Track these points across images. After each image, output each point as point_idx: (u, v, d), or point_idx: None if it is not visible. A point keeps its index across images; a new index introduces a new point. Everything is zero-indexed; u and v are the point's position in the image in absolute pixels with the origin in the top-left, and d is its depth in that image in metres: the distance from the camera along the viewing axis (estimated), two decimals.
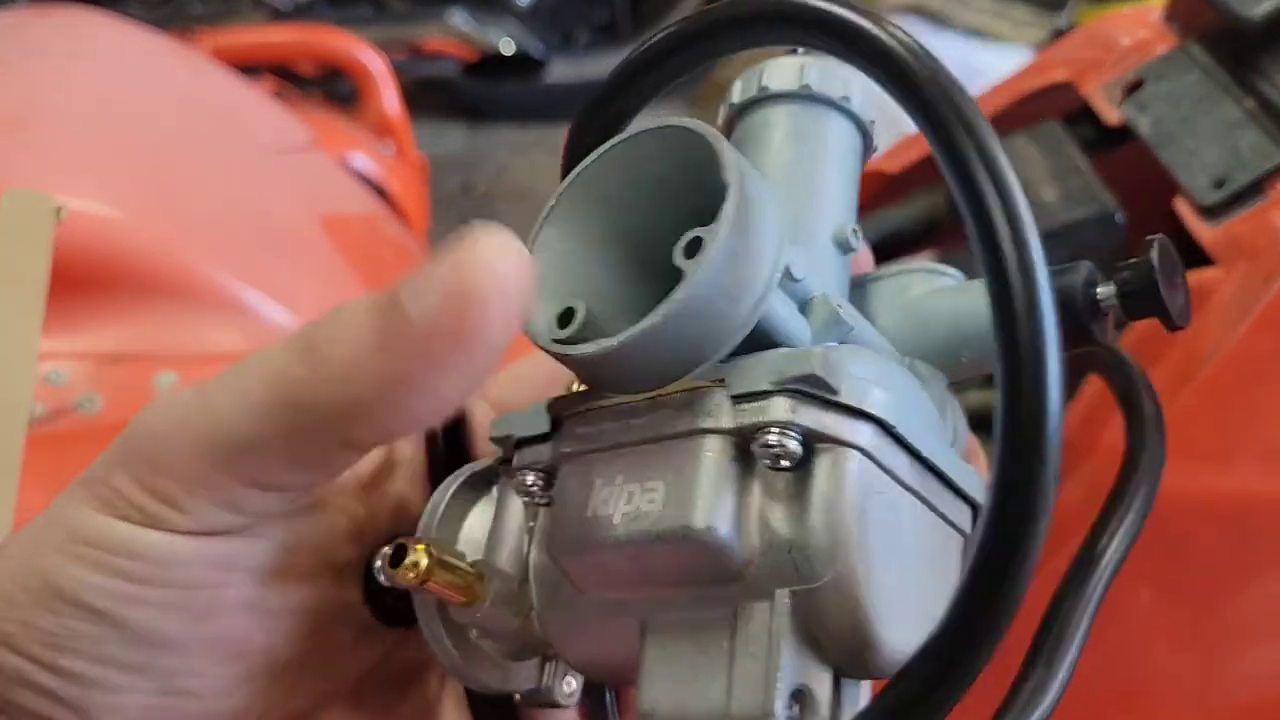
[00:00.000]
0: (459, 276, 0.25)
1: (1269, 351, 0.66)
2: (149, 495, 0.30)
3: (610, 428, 0.29)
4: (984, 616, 0.23)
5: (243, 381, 0.29)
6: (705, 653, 0.27)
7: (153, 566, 0.30)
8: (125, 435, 0.31)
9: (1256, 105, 0.74)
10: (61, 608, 0.30)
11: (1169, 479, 0.67)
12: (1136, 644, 0.73)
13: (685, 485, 0.27)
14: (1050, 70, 0.88)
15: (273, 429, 0.29)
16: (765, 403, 0.27)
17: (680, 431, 0.27)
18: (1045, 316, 0.23)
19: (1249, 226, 0.69)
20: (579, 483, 0.29)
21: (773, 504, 0.27)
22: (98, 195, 0.95)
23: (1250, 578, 0.71)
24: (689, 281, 0.26)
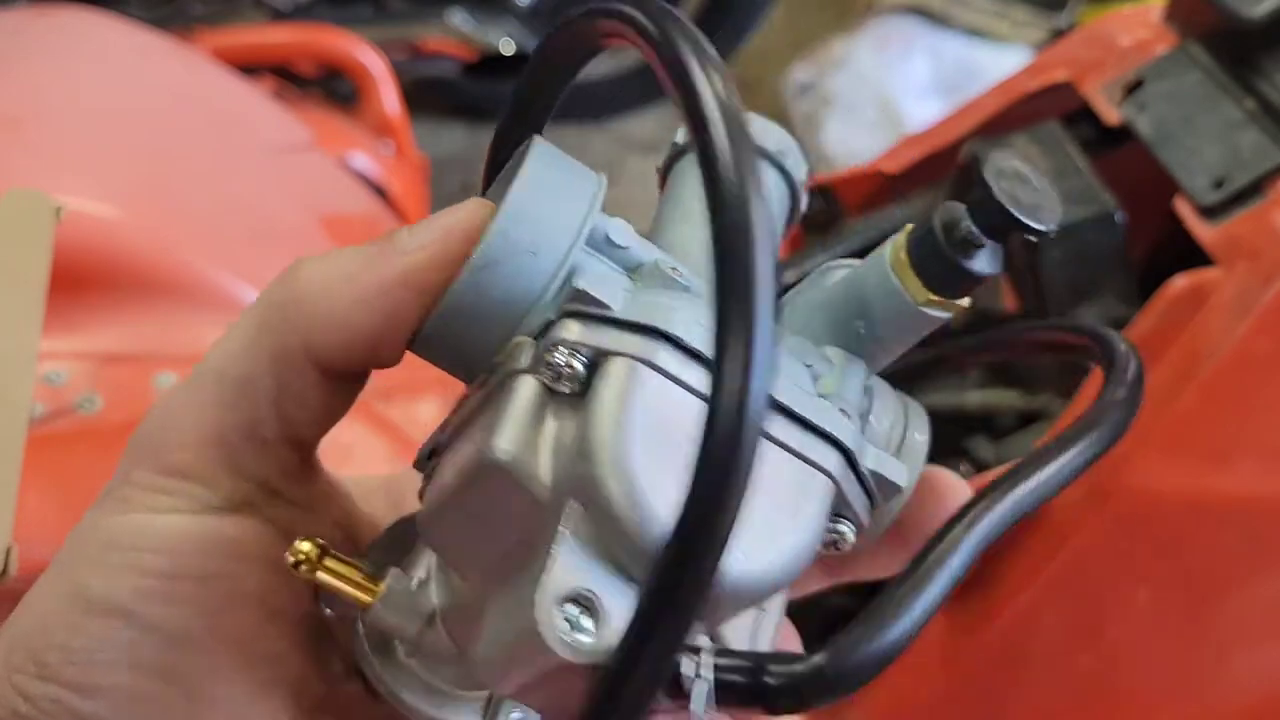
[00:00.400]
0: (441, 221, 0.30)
1: (1269, 352, 0.66)
2: (162, 475, 0.32)
3: (464, 405, 0.31)
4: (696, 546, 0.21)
5: (232, 330, 0.33)
6: (520, 583, 0.27)
7: (172, 556, 0.31)
8: (135, 433, 0.33)
9: (1257, 105, 0.74)
10: (93, 620, 0.31)
11: (1169, 479, 0.67)
12: (1136, 644, 0.73)
13: (490, 423, 0.28)
14: (1050, 70, 0.88)
15: (255, 362, 0.32)
16: (553, 330, 0.28)
17: (499, 380, 0.29)
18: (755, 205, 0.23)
19: (1249, 226, 0.69)
20: (445, 460, 0.31)
21: (565, 424, 0.28)
22: (97, 195, 0.95)
23: (1250, 578, 0.71)
24: (485, 232, 0.29)
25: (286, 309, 0.32)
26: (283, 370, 0.32)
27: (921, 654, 0.76)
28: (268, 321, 0.32)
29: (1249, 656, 0.75)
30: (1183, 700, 0.76)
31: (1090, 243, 0.76)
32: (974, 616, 0.74)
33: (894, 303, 0.34)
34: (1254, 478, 0.68)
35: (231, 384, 0.32)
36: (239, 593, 0.32)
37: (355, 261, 0.31)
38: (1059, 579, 0.70)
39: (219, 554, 0.32)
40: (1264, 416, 0.68)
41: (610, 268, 0.31)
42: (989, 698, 0.76)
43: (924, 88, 2.07)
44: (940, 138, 0.94)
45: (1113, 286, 0.77)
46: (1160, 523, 0.69)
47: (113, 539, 0.31)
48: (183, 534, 0.32)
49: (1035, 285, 0.77)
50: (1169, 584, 0.71)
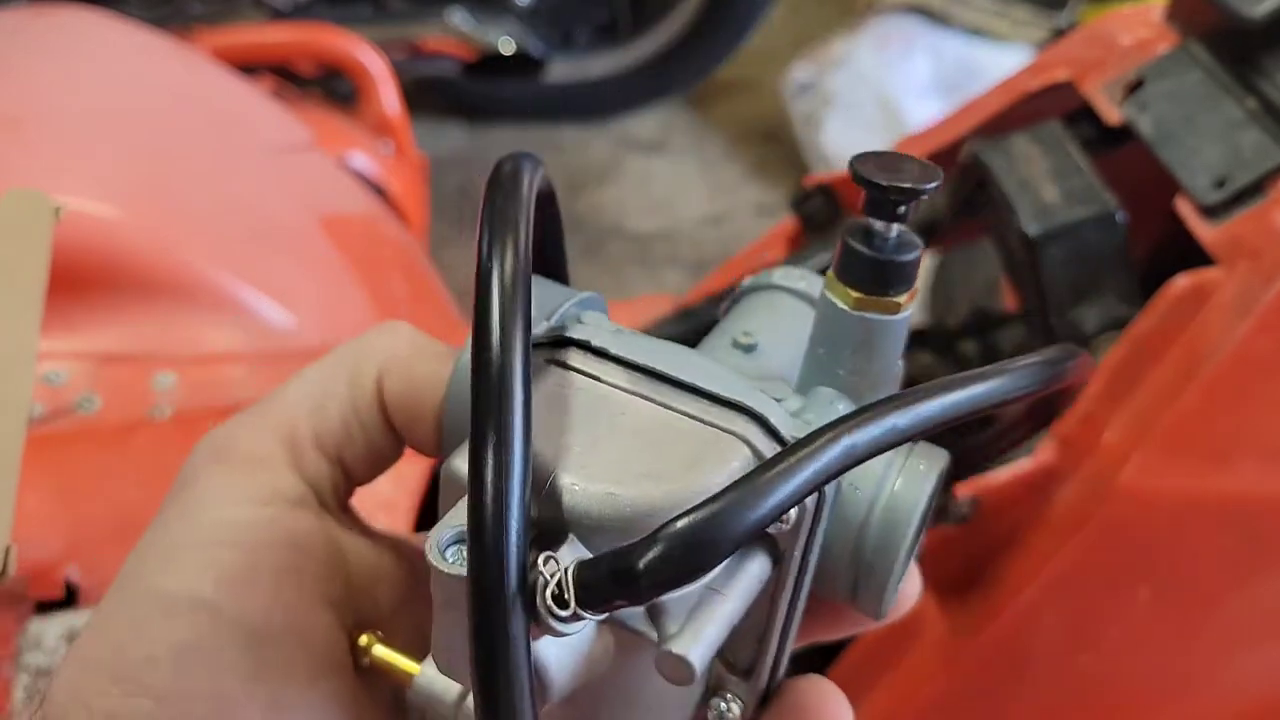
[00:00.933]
0: None
1: (1270, 351, 0.66)
2: (234, 467, 0.33)
3: None
4: None
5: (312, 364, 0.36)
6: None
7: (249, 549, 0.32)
8: (204, 439, 0.35)
9: (1258, 105, 0.73)
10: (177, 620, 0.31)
11: (1169, 478, 0.67)
12: (1136, 644, 0.73)
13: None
14: (1051, 69, 0.88)
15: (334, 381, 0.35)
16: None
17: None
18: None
19: (1250, 226, 0.68)
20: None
21: None
22: (97, 195, 0.95)
23: (1251, 578, 0.71)
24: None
25: (366, 344, 0.36)
26: (356, 393, 0.35)
27: (921, 654, 0.76)
28: (350, 352, 0.36)
29: (1249, 657, 0.75)
30: (1183, 700, 0.76)
31: (1091, 242, 0.76)
32: (974, 616, 0.74)
33: (832, 314, 0.36)
34: (1255, 478, 0.68)
35: (308, 396, 0.35)
36: (310, 587, 0.33)
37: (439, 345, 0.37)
38: (1059, 578, 0.70)
39: (291, 546, 0.33)
40: (1265, 416, 0.68)
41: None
42: (989, 697, 0.76)
43: (924, 87, 2.07)
44: (940, 137, 0.94)
45: (1114, 286, 0.77)
46: (1160, 522, 0.69)
47: (183, 537, 0.32)
48: (256, 524, 0.32)
49: (1036, 285, 0.77)
50: (1169, 584, 0.71)
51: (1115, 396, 0.70)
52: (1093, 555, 0.70)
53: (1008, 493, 0.72)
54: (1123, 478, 0.67)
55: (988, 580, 0.73)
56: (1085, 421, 0.71)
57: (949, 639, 0.74)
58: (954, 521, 0.72)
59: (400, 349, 0.36)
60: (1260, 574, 0.71)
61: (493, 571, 0.26)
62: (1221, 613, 0.73)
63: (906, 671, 0.76)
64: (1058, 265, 0.76)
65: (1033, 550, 0.72)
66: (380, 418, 0.36)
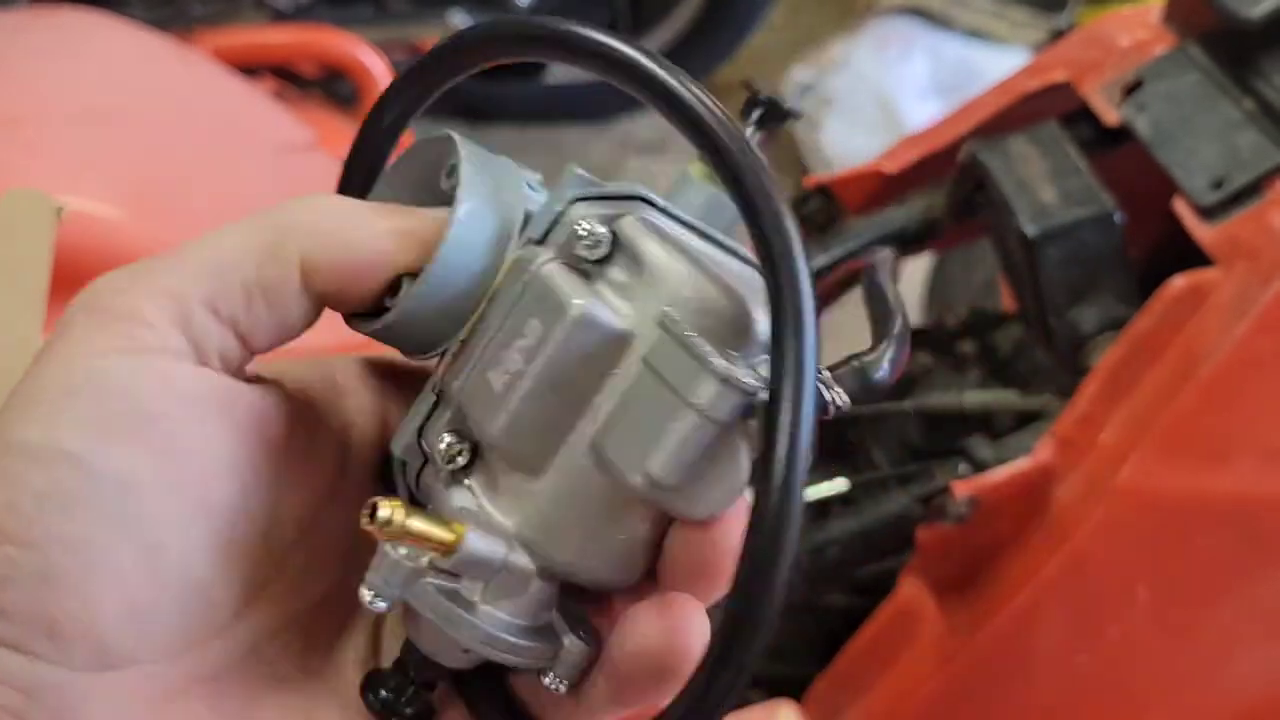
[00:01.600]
0: None
1: (1268, 352, 0.66)
2: (107, 317, 0.32)
3: (475, 343, 0.33)
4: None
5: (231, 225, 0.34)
6: (644, 405, 0.31)
7: (115, 398, 0.31)
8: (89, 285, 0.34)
9: (1255, 106, 0.74)
10: (37, 469, 0.30)
11: (1168, 478, 0.67)
12: (1135, 643, 0.73)
13: (548, 300, 0.32)
14: (1049, 71, 0.89)
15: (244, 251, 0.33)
16: (563, 221, 0.34)
17: (522, 288, 0.33)
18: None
19: (1248, 227, 0.69)
20: (480, 388, 0.33)
21: (618, 274, 0.33)
22: (98, 195, 0.95)
23: (1249, 577, 0.72)
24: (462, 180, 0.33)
25: (295, 215, 0.34)
26: (268, 265, 0.33)
27: (920, 652, 0.76)
28: (274, 223, 0.34)
29: (1248, 655, 0.75)
30: (1181, 699, 0.77)
31: (1089, 243, 0.76)
32: (972, 615, 0.74)
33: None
34: (1253, 477, 0.68)
35: (206, 263, 0.33)
36: (182, 434, 0.31)
37: (366, 206, 0.35)
38: (1057, 578, 0.70)
39: (161, 394, 0.31)
40: (1262, 416, 0.68)
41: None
42: (987, 696, 0.76)
43: (923, 88, 2.08)
44: (939, 138, 0.94)
45: (1112, 286, 0.77)
46: (1159, 522, 0.69)
47: (45, 388, 0.31)
48: (117, 372, 0.31)
49: (1034, 286, 0.77)
50: (1168, 583, 0.71)
51: (1113, 396, 0.70)
52: (1091, 555, 0.70)
53: (1006, 492, 0.72)
54: (1121, 478, 0.67)
55: (986, 579, 0.74)
56: (1083, 421, 0.71)
57: (948, 637, 0.75)
58: (952, 521, 0.72)
59: (327, 222, 0.34)
60: (1258, 573, 0.71)
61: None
62: (1220, 612, 0.73)
63: (905, 669, 0.76)
64: (1056, 265, 0.76)
65: (1031, 549, 0.72)
66: (299, 295, 0.34)
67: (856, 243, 0.92)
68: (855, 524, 0.79)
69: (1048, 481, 0.72)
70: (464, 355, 0.34)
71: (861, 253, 0.89)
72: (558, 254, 0.33)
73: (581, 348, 0.32)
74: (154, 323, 0.32)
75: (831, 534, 0.79)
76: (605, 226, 0.33)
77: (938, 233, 0.91)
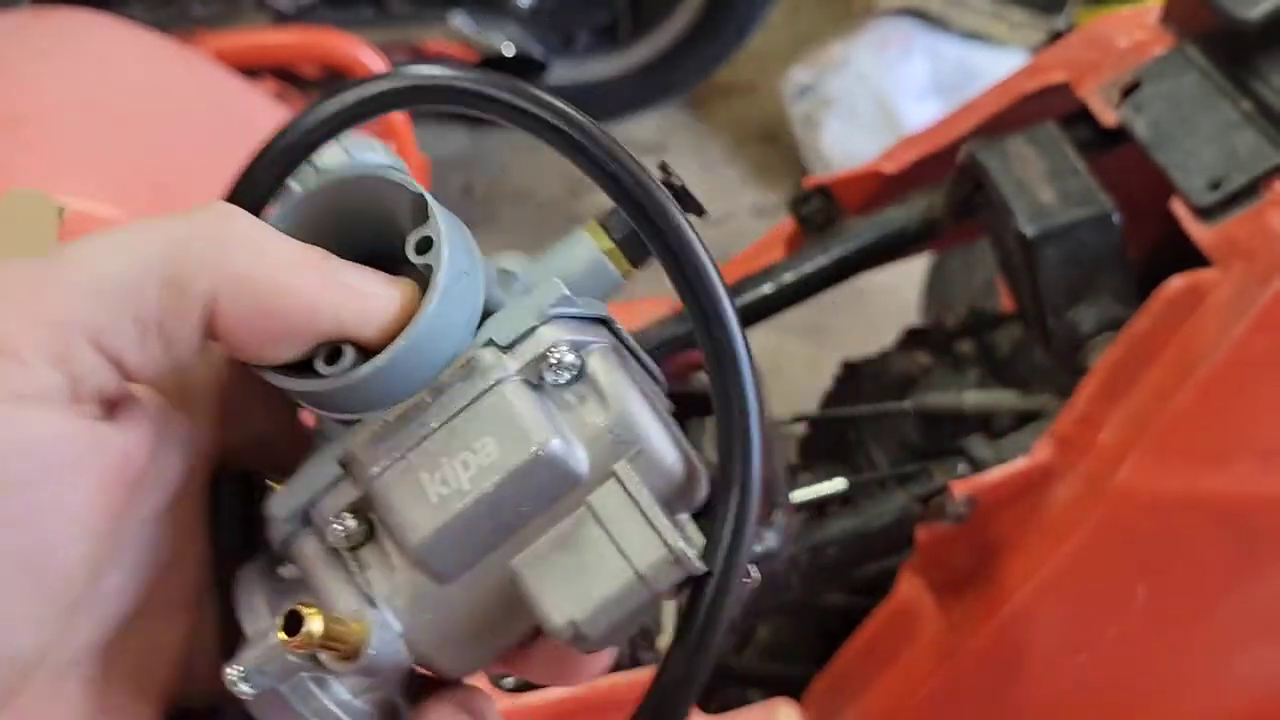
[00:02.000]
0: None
1: (1265, 352, 0.66)
2: None
3: (407, 432, 0.31)
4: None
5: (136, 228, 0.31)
6: (581, 550, 0.31)
7: None
8: None
9: (1253, 107, 0.74)
10: None
11: (1166, 478, 0.67)
12: (1133, 642, 0.73)
13: (510, 425, 0.31)
14: (1048, 72, 0.89)
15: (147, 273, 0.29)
16: (535, 337, 0.32)
17: (477, 395, 0.31)
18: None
19: (1245, 227, 0.69)
20: (406, 488, 0.31)
21: (578, 408, 0.32)
22: (99, 195, 0.95)
23: (1247, 577, 0.72)
24: (444, 262, 0.31)
25: (205, 245, 0.30)
26: (170, 300, 0.29)
27: (919, 651, 0.76)
28: (179, 249, 0.30)
29: (1245, 655, 0.76)
30: (1179, 698, 0.77)
31: (1087, 243, 0.76)
32: (971, 614, 0.74)
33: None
34: (1250, 477, 0.68)
35: (101, 282, 0.29)
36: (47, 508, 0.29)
37: (293, 250, 0.31)
38: (1056, 578, 0.70)
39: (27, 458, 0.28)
40: (1260, 417, 0.68)
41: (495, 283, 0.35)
42: (986, 695, 0.76)
43: (923, 89, 2.08)
44: (938, 138, 0.94)
45: (1110, 287, 0.77)
46: (1157, 521, 0.70)
47: None
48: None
49: (1032, 286, 0.78)
50: (1166, 583, 0.72)
51: (1112, 397, 0.70)
52: (1089, 554, 0.70)
53: (1004, 492, 0.72)
54: (1119, 477, 0.68)
55: (985, 579, 0.74)
56: (1082, 421, 0.71)
57: (947, 636, 0.75)
58: (951, 520, 0.72)
59: (245, 263, 0.29)
60: (1256, 573, 0.72)
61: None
62: (1218, 612, 0.73)
63: (904, 668, 0.77)
64: (1054, 266, 0.76)
65: (1030, 549, 0.72)
66: (198, 335, 0.30)
67: (855, 243, 0.92)
68: (854, 523, 0.80)
69: (1046, 481, 0.72)
70: (389, 441, 0.31)
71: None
72: (522, 371, 0.32)
73: (535, 483, 0.31)
74: (29, 360, 0.28)
75: (830, 534, 0.79)
76: (575, 355, 0.32)
77: (937, 233, 0.91)
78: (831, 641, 0.84)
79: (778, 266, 0.93)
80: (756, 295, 0.93)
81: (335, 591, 0.32)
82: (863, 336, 1.52)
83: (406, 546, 0.31)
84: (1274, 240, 0.67)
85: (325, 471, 0.32)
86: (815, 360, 1.79)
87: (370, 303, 0.31)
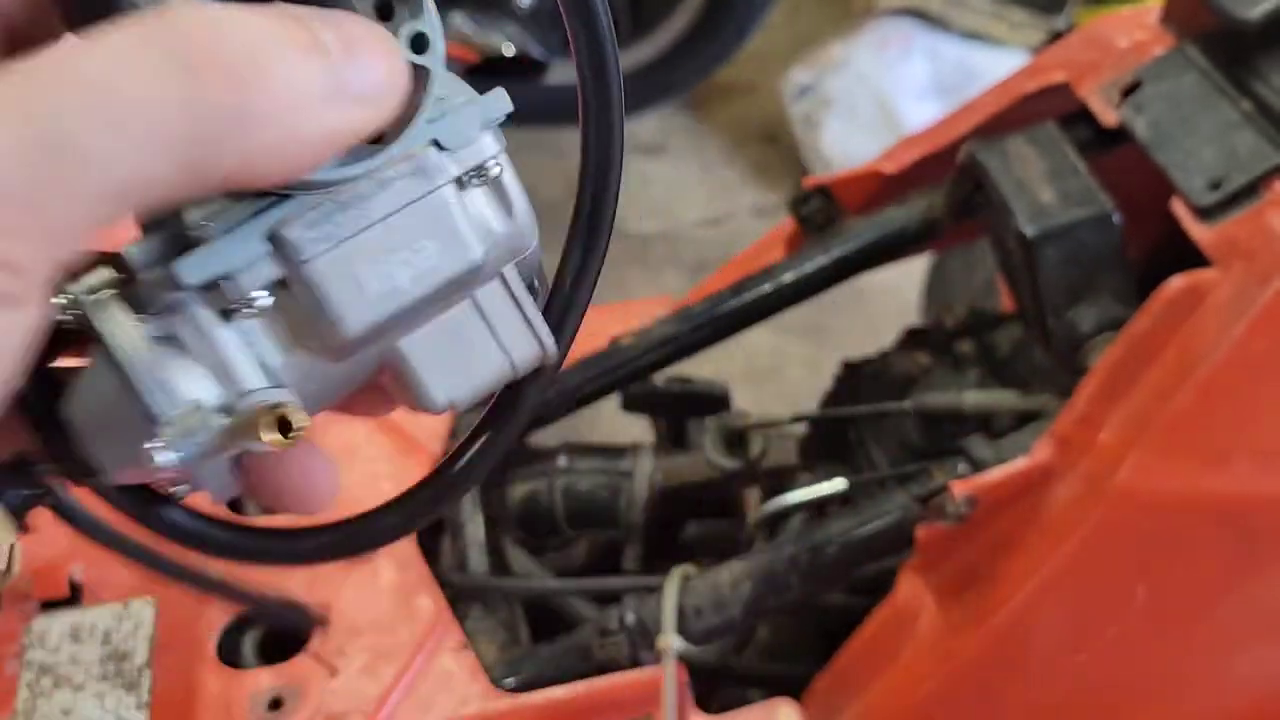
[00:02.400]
0: None
1: (1265, 352, 0.66)
2: None
3: (344, 218, 0.31)
4: None
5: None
6: (463, 339, 0.34)
7: None
8: None
9: (1253, 107, 0.74)
10: None
11: (1166, 478, 0.67)
12: (1133, 643, 0.73)
13: (453, 234, 0.32)
14: (1047, 72, 0.89)
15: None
16: (477, 145, 0.34)
17: (420, 196, 0.32)
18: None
19: (1245, 227, 0.69)
20: (340, 277, 0.31)
21: (484, 210, 0.34)
22: None
23: (1247, 577, 0.72)
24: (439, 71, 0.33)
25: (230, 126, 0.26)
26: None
27: (918, 651, 0.76)
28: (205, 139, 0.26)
29: (1245, 655, 0.76)
30: (1179, 698, 0.77)
31: (1087, 243, 0.76)
32: (971, 614, 0.74)
33: None
34: (1250, 478, 0.68)
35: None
36: None
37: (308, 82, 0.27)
38: (1056, 578, 0.70)
39: None
40: (1260, 417, 0.68)
41: None
42: (985, 695, 0.76)
43: (923, 89, 2.08)
44: (938, 138, 0.94)
45: (1110, 287, 0.77)
46: (1157, 522, 0.70)
47: None
48: None
49: (1032, 286, 0.78)
50: (1166, 583, 0.72)
51: (1112, 396, 0.70)
52: (1089, 555, 0.70)
53: (1005, 492, 0.72)
54: (1119, 478, 0.68)
55: (985, 578, 0.74)
56: (1082, 421, 0.71)
57: (947, 636, 0.75)
58: (951, 520, 0.72)
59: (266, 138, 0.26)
60: (1256, 573, 0.72)
61: None
62: (1217, 612, 0.73)
63: (904, 669, 0.77)
64: (1054, 266, 0.76)
65: (1030, 549, 0.72)
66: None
67: (855, 243, 0.92)
68: (854, 523, 0.80)
69: (1046, 481, 0.72)
70: (326, 225, 0.31)
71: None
72: (460, 173, 0.33)
73: (457, 286, 0.33)
74: None
75: (830, 534, 0.80)
76: (499, 166, 0.34)
77: (937, 233, 0.91)
78: (831, 641, 0.84)
79: (778, 266, 0.94)
80: (756, 295, 0.93)
81: (235, 365, 0.31)
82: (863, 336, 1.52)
83: (331, 335, 0.31)
84: (1274, 240, 0.67)
85: (249, 247, 0.30)
86: (815, 360, 1.79)
87: (385, 100, 0.29)
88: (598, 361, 0.94)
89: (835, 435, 1.00)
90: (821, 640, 0.92)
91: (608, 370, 0.93)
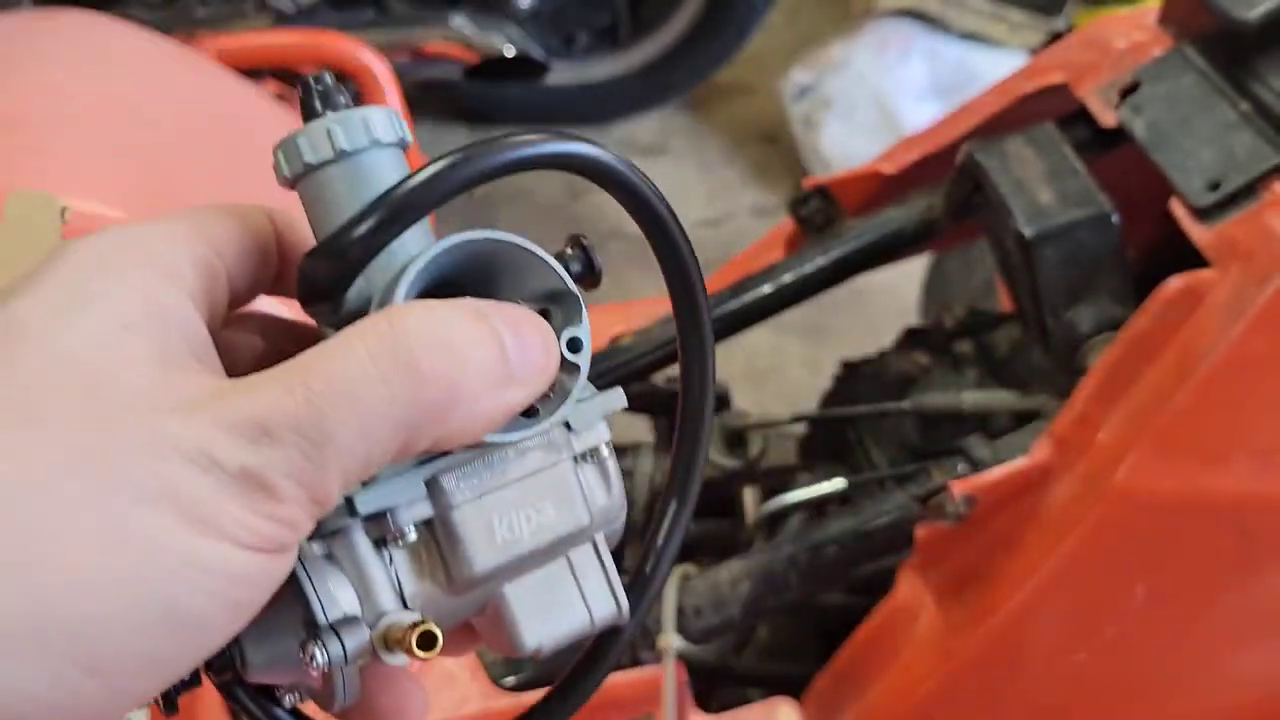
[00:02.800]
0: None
1: (1264, 352, 0.66)
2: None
3: (489, 476, 0.38)
4: None
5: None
6: (556, 592, 0.39)
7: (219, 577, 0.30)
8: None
9: (1251, 107, 0.74)
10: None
11: (1165, 478, 0.68)
12: (1132, 641, 0.73)
13: (568, 499, 0.38)
14: (1046, 73, 0.89)
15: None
16: (595, 430, 0.39)
17: (549, 465, 0.38)
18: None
19: (1243, 228, 0.69)
20: (477, 524, 0.37)
21: (592, 484, 0.39)
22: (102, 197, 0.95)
23: (1246, 577, 0.72)
24: (585, 368, 0.37)
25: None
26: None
27: (917, 650, 0.76)
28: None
29: (1244, 654, 0.76)
30: (1178, 697, 0.77)
31: (1086, 244, 0.76)
32: (970, 613, 0.74)
33: None
34: (1249, 477, 0.69)
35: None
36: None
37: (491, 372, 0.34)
38: (1055, 577, 0.70)
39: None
40: (1259, 417, 0.69)
41: None
42: (985, 694, 0.76)
43: (922, 90, 2.08)
44: (937, 139, 0.95)
45: (1108, 287, 0.77)
46: (1156, 521, 0.70)
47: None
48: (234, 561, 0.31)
49: (1031, 286, 0.78)
50: (1165, 582, 0.72)
51: (1110, 396, 0.71)
52: (1088, 554, 0.70)
53: (1004, 491, 0.72)
54: (1118, 477, 0.68)
55: (984, 578, 0.74)
56: (1080, 421, 0.71)
57: (946, 636, 0.75)
58: (950, 520, 0.73)
59: (461, 427, 0.34)
60: (1254, 573, 0.72)
61: None
62: (1216, 611, 0.74)
63: (903, 668, 0.77)
64: (1053, 266, 0.76)
65: (1029, 549, 0.72)
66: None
67: (854, 243, 0.93)
68: (853, 523, 0.80)
69: (1045, 481, 0.72)
70: (474, 479, 0.37)
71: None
72: (581, 450, 0.39)
73: (565, 543, 0.38)
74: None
75: (830, 533, 0.80)
76: (609, 450, 0.39)
77: (936, 233, 0.91)
78: (831, 641, 0.84)
79: (778, 266, 0.94)
80: (756, 295, 0.93)
81: (379, 587, 0.36)
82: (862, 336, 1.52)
83: (459, 571, 0.37)
84: (1272, 241, 0.67)
85: (412, 487, 0.36)
86: (815, 360, 1.79)
87: (541, 381, 0.35)
88: (598, 361, 0.94)
89: (835, 435, 1.00)
90: (821, 640, 0.93)
91: (608, 370, 0.94)
